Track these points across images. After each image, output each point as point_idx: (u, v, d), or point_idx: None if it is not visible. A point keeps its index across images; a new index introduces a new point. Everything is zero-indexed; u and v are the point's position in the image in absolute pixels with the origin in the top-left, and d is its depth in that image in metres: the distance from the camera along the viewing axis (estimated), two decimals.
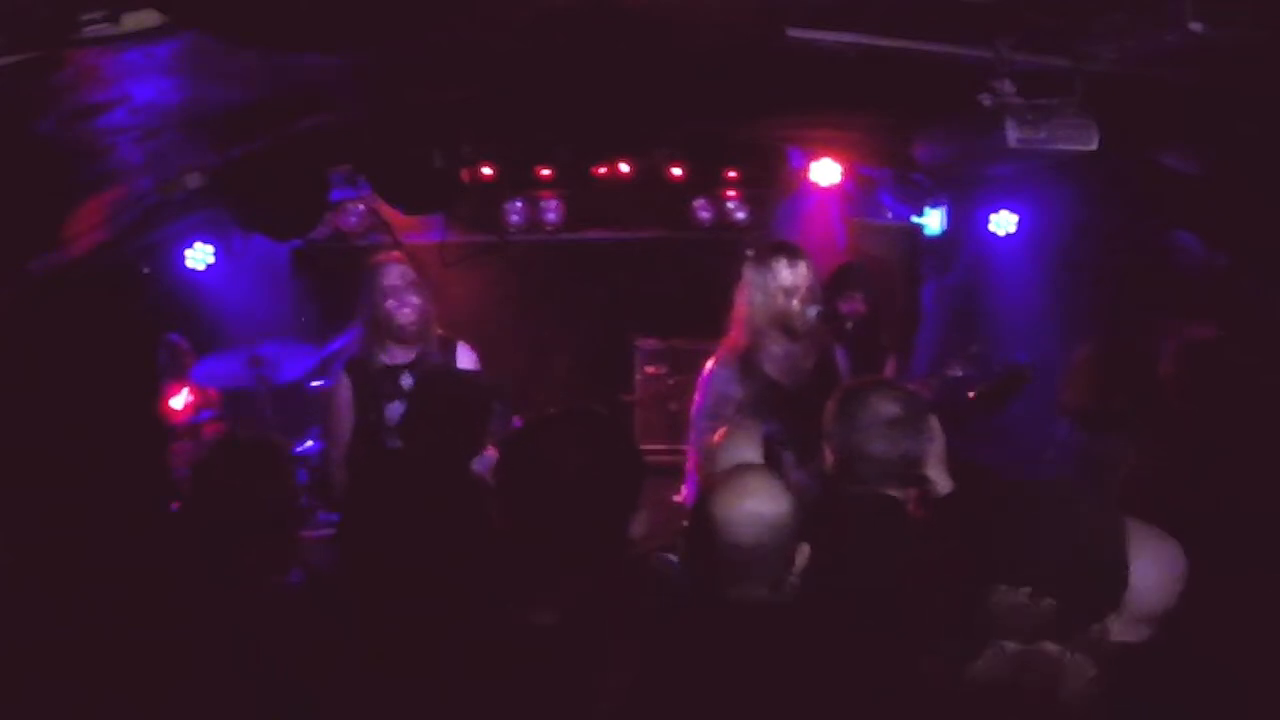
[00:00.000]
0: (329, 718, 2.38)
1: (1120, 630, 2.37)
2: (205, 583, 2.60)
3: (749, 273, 4.19)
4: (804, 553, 2.38)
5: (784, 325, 4.13)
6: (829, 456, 2.94)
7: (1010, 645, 1.70)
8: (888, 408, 2.84)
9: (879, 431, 2.82)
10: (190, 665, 2.31)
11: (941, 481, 3.03)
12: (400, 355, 4.38)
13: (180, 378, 5.83)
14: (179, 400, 5.79)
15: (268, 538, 2.74)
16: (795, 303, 4.11)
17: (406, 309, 4.32)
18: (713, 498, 2.38)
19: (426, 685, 2.07)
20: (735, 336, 4.20)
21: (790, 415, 3.99)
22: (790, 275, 4.12)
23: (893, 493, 2.85)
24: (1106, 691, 2.30)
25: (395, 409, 4.22)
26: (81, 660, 2.20)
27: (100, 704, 2.09)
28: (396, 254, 4.58)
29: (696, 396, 4.24)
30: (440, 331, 4.48)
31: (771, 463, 3.17)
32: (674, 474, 4.38)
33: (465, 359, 4.56)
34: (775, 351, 4.16)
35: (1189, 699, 2.31)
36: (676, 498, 4.21)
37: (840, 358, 4.39)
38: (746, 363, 4.14)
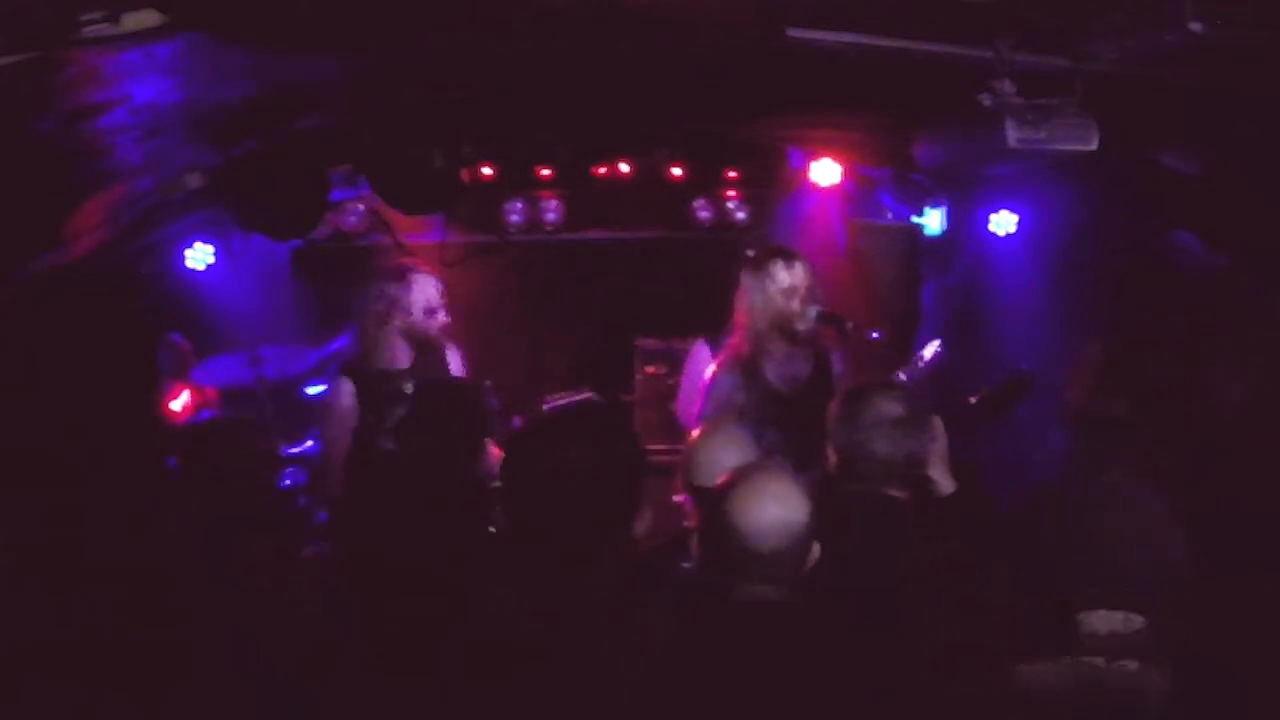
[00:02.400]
0: (329, 718, 2.38)
1: None
2: (205, 583, 2.60)
3: (746, 279, 4.20)
4: (815, 551, 2.37)
5: (785, 327, 4.14)
6: (831, 456, 2.94)
7: (1097, 662, 1.71)
8: (891, 407, 2.85)
9: (882, 431, 2.83)
10: (190, 665, 2.31)
11: (944, 482, 3.03)
12: (401, 359, 4.45)
13: (183, 378, 5.82)
14: (178, 401, 5.78)
15: (266, 536, 2.74)
16: (795, 303, 4.12)
17: (439, 324, 4.46)
18: (735, 502, 2.34)
19: (426, 685, 2.07)
20: (737, 343, 4.20)
21: (789, 422, 4.00)
22: (788, 277, 4.13)
23: (894, 493, 2.85)
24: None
25: (398, 414, 4.27)
26: (82, 660, 2.20)
27: (100, 704, 2.09)
28: (427, 266, 4.67)
29: (697, 399, 4.24)
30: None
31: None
32: (674, 474, 4.36)
33: (454, 361, 4.65)
34: (777, 358, 4.17)
35: (1189, 699, 2.31)
36: (677, 498, 4.20)
37: (836, 361, 4.40)
38: (749, 370, 4.14)
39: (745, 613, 2.29)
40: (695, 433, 3.57)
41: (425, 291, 4.47)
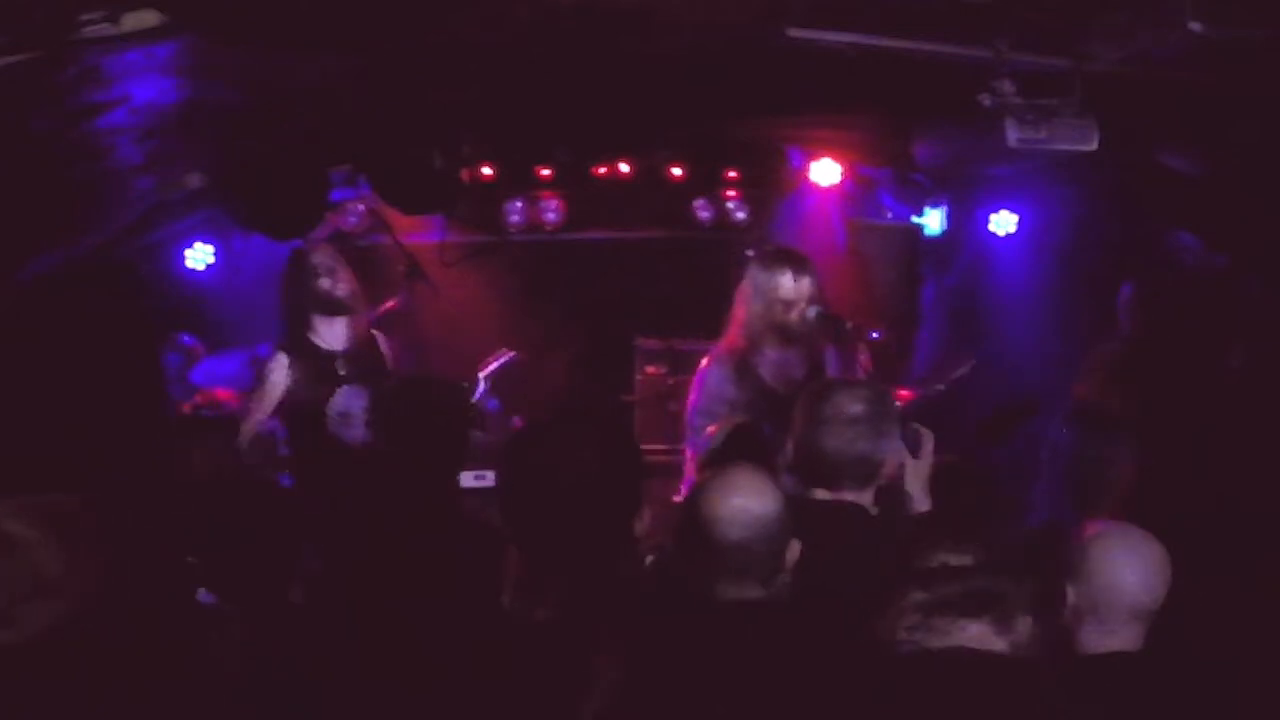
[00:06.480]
0: (329, 718, 2.38)
1: (1098, 635, 2.38)
2: (205, 583, 2.60)
3: (753, 274, 4.18)
4: (795, 550, 2.34)
5: (782, 332, 4.14)
6: (788, 450, 2.89)
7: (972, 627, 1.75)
8: (852, 406, 2.78)
9: (837, 428, 2.75)
10: (190, 665, 2.31)
11: (919, 499, 3.00)
12: (333, 339, 4.67)
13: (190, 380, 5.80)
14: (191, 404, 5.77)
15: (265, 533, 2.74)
16: (793, 314, 4.11)
17: (343, 284, 4.65)
18: (701, 495, 2.34)
19: (427, 685, 2.08)
20: (732, 338, 4.21)
21: (782, 420, 3.98)
22: (793, 290, 4.10)
23: (848, 495, 2.78)
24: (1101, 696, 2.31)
25: (340, 396, 4.55)
26: (81, 660, 2.20)
27: (99, 704, 2.09)
28: (321, 242, 4.98)
29: (691, 395, 4.25)
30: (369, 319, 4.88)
31: (765, 458, 3.14)
32: (674, 474, 4.37)
33: (386, 349, 4.88)
34: (771, 356, 4.17)
35: (1189, 699, 2.31)
36: (677, 498, 4.20)
37: (831, 360, 4.39)
38: (742, 365, 4.14)
39: (724, 613, 2.26)
40: (711, 429, 3.58)
41: (318, 258, 4.69)
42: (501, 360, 5.68)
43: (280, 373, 4.57)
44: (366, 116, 4.91)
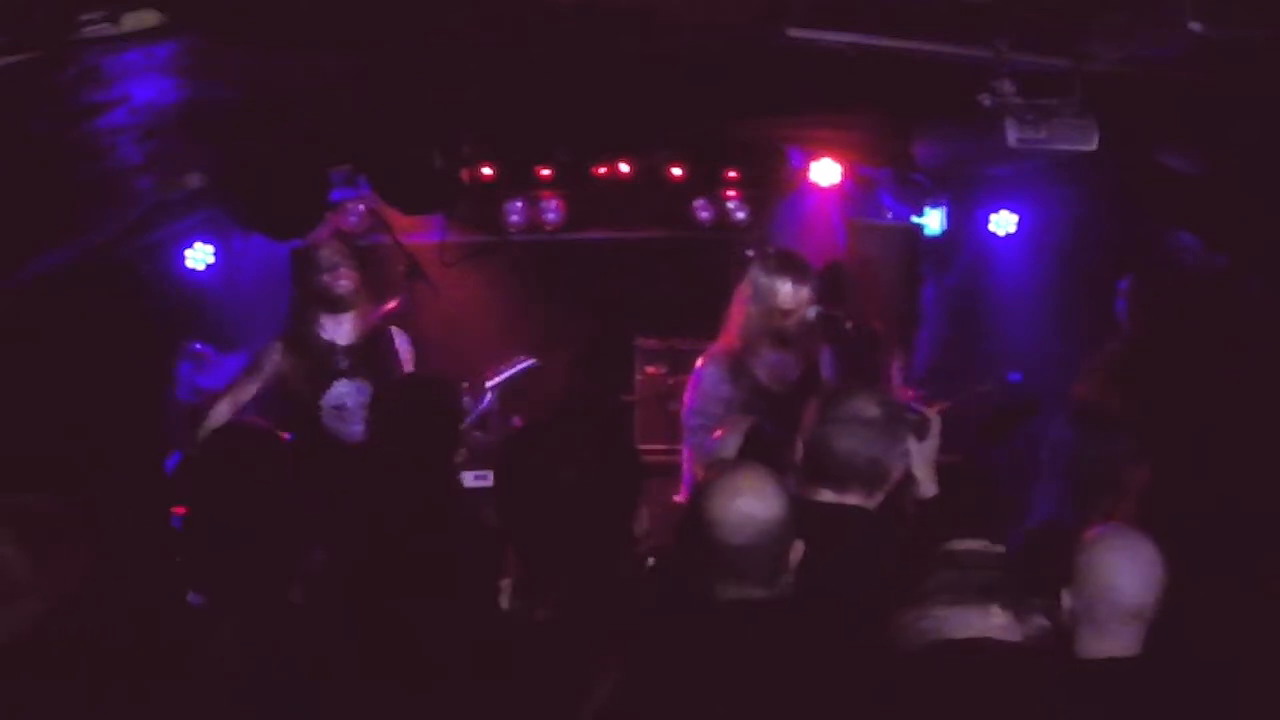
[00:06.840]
0: (328, 718, 2.39)
1: (1094, 639, 2.38)
2: (205, 586, 2.60)
3: (754, 277, 4.18)
4: (798, 550, 2.34)
5: (778, 336, 4.14)
6: (798, 451, 2.88)
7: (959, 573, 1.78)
8: (867, 408, 2.78)
9: (850, 429, 2.75)
10: (189, 666, 2.31)
11: (927, 484, 3.00)
12: (337, 333, 4.65)
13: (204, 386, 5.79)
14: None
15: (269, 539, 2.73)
16: (791, 322, 4.11)
17: (344, 280, 4.62)
18: (705, 497, 2.33)
19: (427, 685, 2.08)
20: (729, 338, 4.21)
21: (777, 420, 3.99)
22: (793, 298, 4.09)
23: (854, 499, 2.78)
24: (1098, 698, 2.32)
25: (337, 389, 4.53)
26: (79, 660, 2.20)
27: (99, 704, 2.09)
28: (329, 238, 4.98)
29: (687, 395, 4.25)
30: (375, 317, 4.85)
31: (765, 457, 3.14)
32: (674, 474, 4.37)
33: (402, 345, 4.84)
34: (767, 357, 4.17)
35: (1188, 701, 2.31)
36: (677, 498, 4.21)
37: (826, 362, 4.39)
38: (737, 365, 4.14)
39: (726, 614, 2.25)
40: (718, 433, 3.58)
41: (324, 254, 4.70)
42: (520, 366, 5.64)
43: (271, 358, 4.56)
44: (366, 116, 4.91)
